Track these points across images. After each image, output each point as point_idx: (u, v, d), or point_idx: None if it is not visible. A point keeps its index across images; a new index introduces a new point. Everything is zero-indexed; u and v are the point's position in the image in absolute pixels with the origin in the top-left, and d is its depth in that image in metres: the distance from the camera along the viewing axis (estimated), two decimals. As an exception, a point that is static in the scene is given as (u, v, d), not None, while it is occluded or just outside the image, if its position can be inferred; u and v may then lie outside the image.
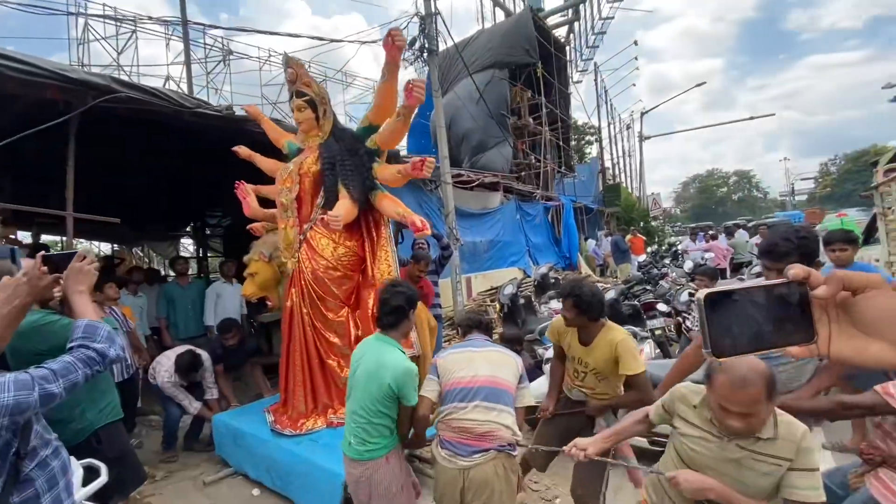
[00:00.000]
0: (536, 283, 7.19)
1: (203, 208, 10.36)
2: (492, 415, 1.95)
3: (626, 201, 20.66)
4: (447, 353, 2.18)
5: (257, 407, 3.70)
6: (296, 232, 3.37)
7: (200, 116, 4.24)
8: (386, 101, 3.07)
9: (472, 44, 14.42)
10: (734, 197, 60.70)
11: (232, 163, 6.01)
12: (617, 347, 2.23)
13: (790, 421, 1.43)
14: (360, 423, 2.06)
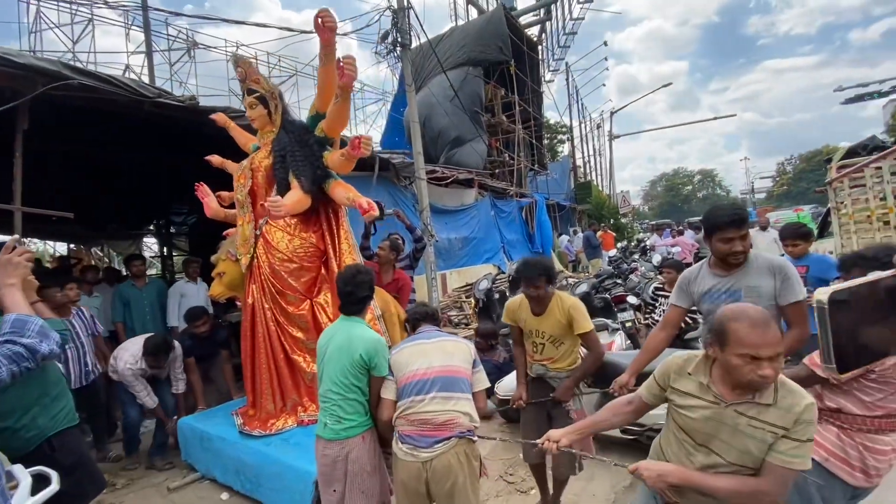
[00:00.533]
0: (511, 279, 7.24)
1: (167, 205, 9.95)
2: (450, 404, 1.96)
3: (596, 199, 21.12)
4: (398, 349, 2.16)
5: (225, 410, 3.59)
6: (251, 227, 3.33)
7: (162, 107, 4.05)
8: (327, 86, 3.02)
9: (446, 40, 14.39)
10: (699, 195, 63.00)
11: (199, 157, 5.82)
12: (569, 310, 2.44)
13: (794, 390, 1.35)
14: (334, 402, 2.06)
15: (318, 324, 3.27)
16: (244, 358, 3.37)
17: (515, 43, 14.45)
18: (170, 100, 3.96)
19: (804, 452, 1.31)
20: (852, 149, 5.93)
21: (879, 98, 21.06)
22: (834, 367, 1.50)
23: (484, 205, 11.49)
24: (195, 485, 3.31)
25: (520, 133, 14.76)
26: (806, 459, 1.31)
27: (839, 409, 1.70)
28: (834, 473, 1.68)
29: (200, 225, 9.44)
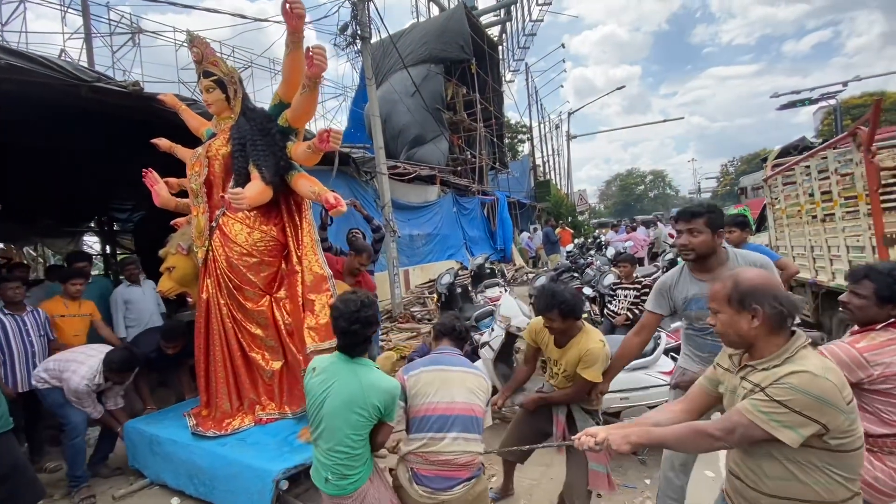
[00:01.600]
0: (473, 274, 7.32)
1: (109, 200, 9.33)
2: (471, 445, 1.87)
3: (555, 197, 21.71)
4: (417, 371, 1.96)
5: (175, 411, 3.39)
6: (206, 219, 3.15)
7: (102, 93, 3.80)
8: (293, 75, 2.89)
9: (406, 36, 14.32)
10: (651, 194, 66.09)
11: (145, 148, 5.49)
12: (585, 353, 2.25)
13: (807, 362, 1.22)
14: (339, 460, 1.81)
15: (277, 321, 3.14)
16: (197, 356, 3.20)
17: (476, 42, 14.57)
18: (111, 85, 3.71)
19: (771, 411, 1.18)
20: (785, 149, 6.44)
21: (810, 104, 22.69)
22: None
23: (446, 201, 11.55)
24: (143, 491, 3.13)
25: (481, 131, 14.91)
26: (774, 423, 1.17)
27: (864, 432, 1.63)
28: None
29: (148, 222, 8.92)
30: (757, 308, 1.27)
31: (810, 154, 4.43)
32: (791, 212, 5.07)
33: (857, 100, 32.08)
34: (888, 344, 1.63)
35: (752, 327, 1.28)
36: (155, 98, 4.00)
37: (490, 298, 5.72)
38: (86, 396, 3.10)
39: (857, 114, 31.56)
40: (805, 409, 1.16)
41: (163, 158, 3.67)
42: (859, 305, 1.74)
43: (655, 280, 6.03)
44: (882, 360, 1.61)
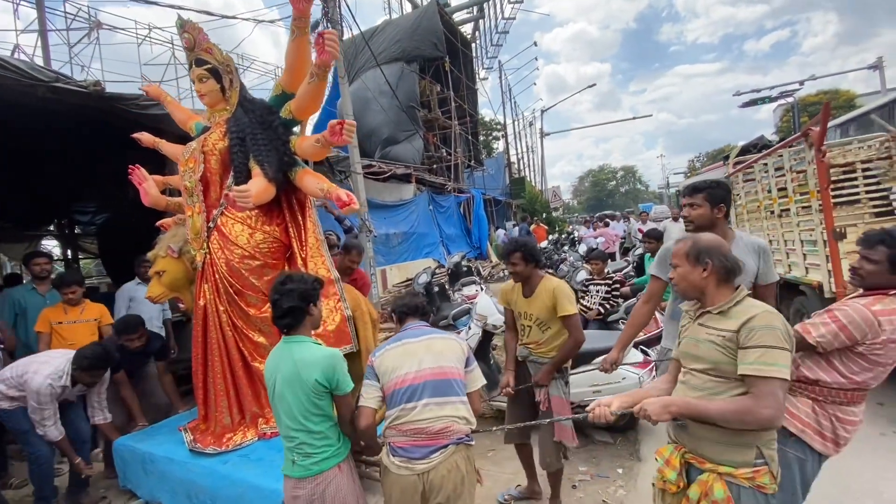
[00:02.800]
0: (450, 272, 7.37)
1: (70, 202, 8.93)
2: (446, 409, 1.80)
3: (530, 194, 21.97)
4: (382, 350, 1.94)
5: (169, 426, 3.19)
6: (203, 219, 2.92)
7: (60, 93, 3.65)
8: (297, 63, 2.68)
9: (379, 34, 14.21)
10: (622, 189, 67.65)
11: (108, 149, 5.29)
12: (554, 291, 2.47)
13: (753, 305, 1.46)
14: (299, 440, 1.79)
15: None
16: (195, 367, 2.99)
17: (450, 40, 14.59)
18: (70, 85, 3.56)
19: (774, 360, 1.32)
20: (745, 147, 6.74)
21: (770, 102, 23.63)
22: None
23: (422, 200, 11.55)
24: None
25: (456, 129, 14.96)
26: (781, 368, 1.32)
27: (816, 380, 1.73)
28: (808, 444, 1.74)
29: (112, 224, 8.59)
30: (708, 262, 1.52)
31: (768, 153, 4.66)
32: (751, 207, 5.32)
33: (814, 97, 33.67)
34: None
35: (703, 278, 1.53)
36: (116, 99, 3.87)
37: (467, 296, 5.78)
38: (48, 402, 2.80)
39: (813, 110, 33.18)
40: (786, 343, 1.36)
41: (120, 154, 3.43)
42: (871, 271, 1.73)
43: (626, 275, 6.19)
44: (891, 325, 1.62)
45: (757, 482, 1.38)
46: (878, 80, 17.66)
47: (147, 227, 6.07)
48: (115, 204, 8.09)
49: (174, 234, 3.19)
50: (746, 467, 1.39)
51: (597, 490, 2.91)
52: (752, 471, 1.39)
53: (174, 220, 3.35)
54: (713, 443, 1.43)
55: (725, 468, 1.40)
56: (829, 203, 3.27)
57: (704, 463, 1.45)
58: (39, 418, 2.80)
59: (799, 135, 3.68)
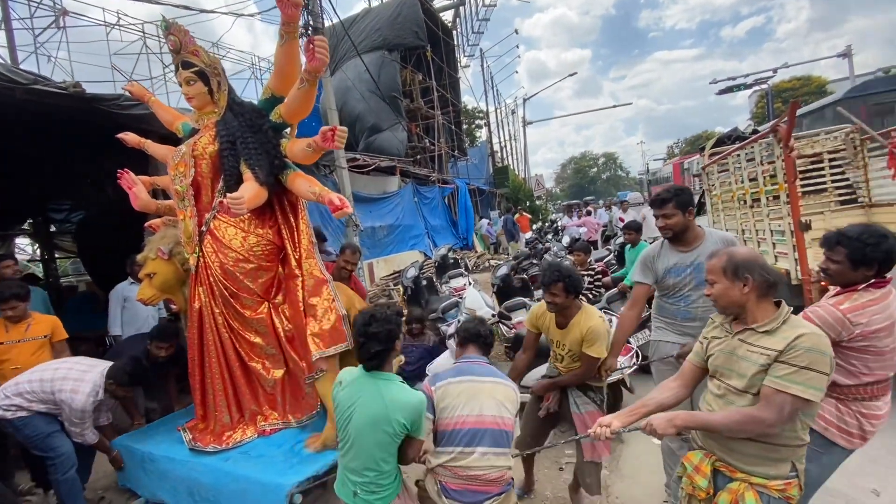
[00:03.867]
0: (437, 265, 7.47)
1: (44, 201, 8.69)
2: (500, 460, 1.84)
3: (513, 182, 22.11)
4: (444, 382, 1.90)
5: (165, 425, 3.24)
6: (195, 223, 2.94)
7: (38, 94, 3.59)
8: (287, 67, 2.70)
9: (359, 23, 14.01)
10: (603, 176, 68.45)
11: (85, 147, 5.18)
12: (588, 333, 2.34)
13: (798, 325, 1.44)
14: (370, 478, 1.81)
15: (277, 328, 2.99)
16: (191, 368, 3.04)
17: (431, 28, 14.48)
18: (49, 87, 3.50)
19: (803, 380, 1.33)
20: (720, 138, 6.97)
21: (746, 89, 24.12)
22: None
23: (407, 192, 11.57)
24: None
25: (439, 119, 14.93)
26: (807, 389, 1.33)
27: (834, 382, 1.75)
28: (833, 441, 1.80)
29: (91, 223, 8.41)
30: (748, 277, 1.48)
31: (741, 146, 4.86)
32: (726, 197, 5.53)
33: (787, 83, 34.53)
34: (869, 304, 1.73)
35: (744, 294, 1.50)
36: (97, 100, 3.81)
37: (455, 289, 5.91)
38: (90, 417, 2.81)
39: (787, 96, 34.09)
40: (825, 367, 1.35)
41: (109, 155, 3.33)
42: (836, 270, 1.83)
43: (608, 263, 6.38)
44: (862, 319, 1.71)
45: (787, 493, 1.43)
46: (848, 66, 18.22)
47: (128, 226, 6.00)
48: (92, 202, 7.93)
49: (163, 235, 3.18)
50: (779, 479, 1.43)
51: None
52: (784, 483, 1.43)
53: (163, 222, 3.35)
54: (749, 455, 1.46)
55: (758, 479, 1.44)
56: (796, 195, 3.46)
57: (735, 472, 1.48)
58: (80, 430, 2.80)
59: (769, 130, 3.86)
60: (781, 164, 3.64)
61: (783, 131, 3.39)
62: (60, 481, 2.76)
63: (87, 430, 2.81)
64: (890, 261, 1.76)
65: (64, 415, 2.76)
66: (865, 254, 1.74)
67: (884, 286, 1.77)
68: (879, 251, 1.74)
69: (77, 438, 2.80)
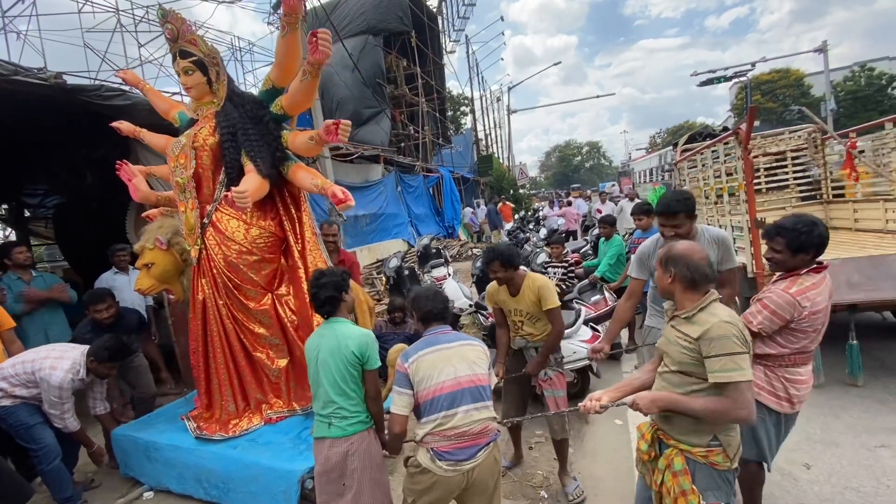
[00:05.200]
0: (419, 254, 7.62)
1: (17, 184, 8.50)
2: (483, 413, 1.94)
3: (497, 171, 22.24)
4: (415, 357, 1.96)
5: (167, 415, 3.25)
6: (197, 215, 2.92)
7: (17, 85, 3.57)
8: (288, 59, 2.70)
9: (342, 7, 13.77)
10: (587, 164, 69.11)
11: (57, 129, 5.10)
12: (539, 290, 2.66)
13: (715, 313, 1.61)
14: (338, 404, 2.04)
15: (281, 318, 3.01)
16: (195, 359, 3.06)
17: (416, 13, 14.35)
18: (30, 77, 3.49)
19: (736, 365, 1.51)
20: (692, 136, 7.24)
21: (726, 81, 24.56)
22: None
23: (390, 180, 11.61)
24: (145, 498, 3.04)
25: (423, 106, 14.90)
26: (743, 372, 1.51)
27: (765, 354, 2.00)
28: (765, 404, 1.99)
29: (68, 208, 8.28)
30: (672, 269, 1.70)
31: (707, 145, 5.10)
32: (695, 193, 5.80)
33: (767, 76, 35.30)
34: (812, 288, 1.92)
35: (670, 283, 1.72)
36: (78, 91, 3.80)
37: (436, 278, 6.07)
38: (69, 396, 2.80)
39: (766, 88, 34.90)
40: (740, 346, 1.53)
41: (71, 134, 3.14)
42: (779, 259, 2.03)
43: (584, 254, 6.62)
44: (806, 303, 1.89)
45: (710, 459, 1.64)
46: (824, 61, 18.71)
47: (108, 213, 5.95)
48: (71, 188, 7.80)
49: (160, 224, 3.17)
50: (701, 447, 1.65)
51: (549, 450, 3.30)
52: (706, 450, 1.64)
53: (160, 212, 3.35)
54: (678, 426, 1.69)
55: (685, 446, 1.67)
56: (753, 195, 3.70)
57: (670, 440, 1.72)
58: (59, 412, 2.78)
59: (731, 132, 4.08)
60: (741, 166, 3.88)
61: (743, 134, 3.61)
62: (45, 472, 2.81)
63: (67, 414, 2.80)
64: (822, 245, 1.96)
65: (43, 395, 2.75)
66: (802, 241, 1.94)
67: (822, 271, 1.99)
68: (813, 237, 1.94)
69: (57, 423, 2.79)
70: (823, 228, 1.98)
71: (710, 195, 4.91)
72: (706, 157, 5.05)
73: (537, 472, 3.05)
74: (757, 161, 5.69)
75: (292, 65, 2.72)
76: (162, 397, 4.05)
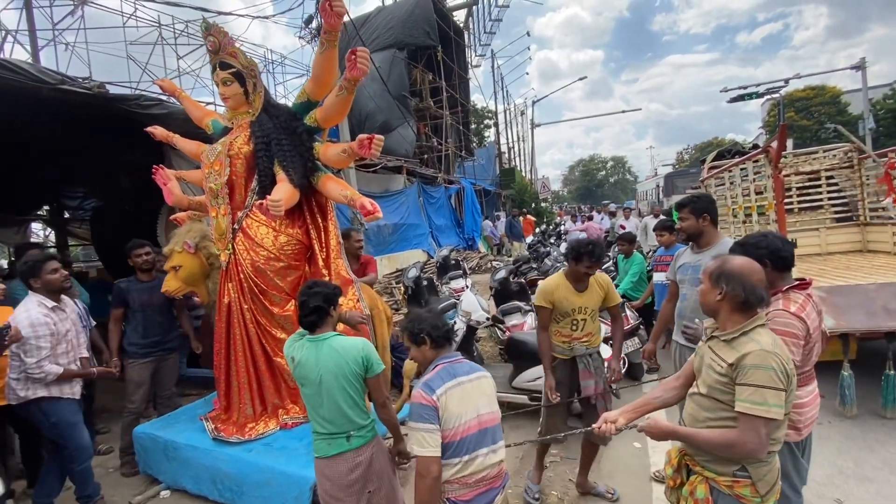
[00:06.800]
0: (438, 265, 7.63)
1: (59, 187, 8.95)
2: (500, 454, 1.80)
3: (519, 184, 22.20)
4: (444, 389, 1.75)
5: (186, 414, 3.34)
6: (228, 220, 3.00)
7: (63, 93, 3.78)
8: (325, 74, 2.79)
9: (371, 21, 14.15)
10: (611, 179, 68.27)
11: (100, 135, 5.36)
12: (606, 284, 2.71)
13: (755, 339, 1.47)
14: (351, 416, 1.98)
15: None
16: (217, 360, 3.12)
17: (443, 28, 14.59)
18: (75, 87, 3.69)
19: (763, 399, 1.39)
20: (720, 152, 7.07)
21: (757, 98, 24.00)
22: None
23: (412, 191, 11.73)
24: (162, 496, 3.09)
25: (448, 119, 15.05)
26: (766, 408, 1.38)
27: None
28: None
29: (105, 211, 8.65)
30: (723, 286, 1.55)
31: (736, 162, 4.97)
32: (722, 211, 5.65)
33: (801, 92, 34.28)
34: (805, 304, 1.83)
35: (717, 300, 1.57)
36: (119, 100, 4.00)
37: (454, 290, 6.07)
38: (46, 334, 2.62)
39: (799, 106, 33.88)
40: (776, 382, 1.40)
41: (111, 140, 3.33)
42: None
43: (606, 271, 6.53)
44: (808, 319, 1.78)
45: (736, 491, 1.52)
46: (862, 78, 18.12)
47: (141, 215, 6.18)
48: (107, 191, 8.16)
49: (189, 229, 3.27)
50: (726, 476, 1.54)
51: (565, 470, 3.24)
52: (731, 480, 1.53)
53: (188, 216, 3.45)
54: (703, 452, 1.58)
55: (710, 473, 1.57)
56: (783, 215, 3.59)
57: (695, 465, 1.62)
58: (36, 359, 2.59)
59: (761, 150, 3.98)
60: (772, 184, 3.77)
61: (773, 152, 3.52)
62: (77, 471, 2.82)
63: (44, 360, 2.61)
64: (779, 258, 1.86)
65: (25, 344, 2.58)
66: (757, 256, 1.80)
67: (806, 288, 1.88)
68: (760, 248, 1.85)
69: (37, 372, 2.59)
70: (773, 239, 1.90)
71: (739, 213, 4.78)
72: (734, 175, 4.92)
73: (552, 493, 2.98)
74: (789, 180, 5.52)
75: (329, 79, 2.81)
76: (185, 397, 4.15)
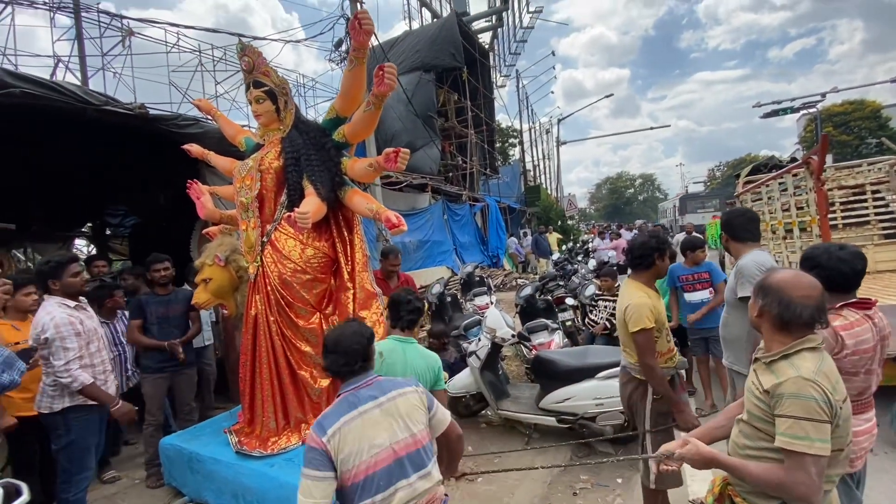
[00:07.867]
0: (462, 282, 7.57)
1: (102, 205, 9.41)
2: (426, 481, 1.56)
3: (545, 202, 22.05)
4: (338, 426, 1.51)
5: (211, 426, 3.35)
6: (258, 234, 3.07)
7: (106, 114, 3.99)
8: (353, 90, 2.86)
9: (399, 45, 14.56)
10: (640, 197, 67.05)
11: (137, 156, 5.63)
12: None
13: (794, 365, 1.34)
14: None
15: None
16: (243, 373, 3.15)
17: (468, 49, 14.85)
18: (117, 108, 3.90)
19: (804, 432, 1.26)
20: (756, 167, 6.82)
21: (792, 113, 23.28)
22: None
23: (437, 208, 11.80)
24: None
25: (472, 138, 15.18)
26: (809, 443, 1.25)
27: None
28: None
29: (143, 226, 9.05)
30: (760, 301, 1.45)
31: (774, 176, 4.77)
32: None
33: (839, 107, 33.07)
34: (858, 324, 1.74)
35: (756, 316, 1.47)
36: (159, 120, 4.20)
37: (478, 306, 5.99)
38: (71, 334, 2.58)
39: (838, 121, 32.63)
40: (817, 413, 1.26)
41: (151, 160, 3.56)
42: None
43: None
44: (851, 339, 1.71)
45: None
46: (904, 92, 17.34)
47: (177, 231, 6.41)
48: (145, 208, 8.54)
49: (220, 242, 3.36)
50: None
51: (597, 498, 3.07)
52: None
53: (219, 230, 3.54)
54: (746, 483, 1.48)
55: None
56: (827, 230, 3.39)
57: (737, 496, 1.52)
58: (64, 361, 2.53)
59: (801, 162, 3.80)
60: (814, 198, 3.57)
61: (815, 164, 3.35)
62: (70, 501, 2.65)
63: (72, 363, 2.56)
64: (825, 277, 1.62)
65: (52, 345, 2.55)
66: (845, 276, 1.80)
67: (868, 308, 1.77)
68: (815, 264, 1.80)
69: (65, 377, 2.54)
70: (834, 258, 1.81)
71: (778, 229, 4.55)
72: (772, 190, 4.71)
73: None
74: (832, 194, 5.24)
75: (357, 95, 2.88)
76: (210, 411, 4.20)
